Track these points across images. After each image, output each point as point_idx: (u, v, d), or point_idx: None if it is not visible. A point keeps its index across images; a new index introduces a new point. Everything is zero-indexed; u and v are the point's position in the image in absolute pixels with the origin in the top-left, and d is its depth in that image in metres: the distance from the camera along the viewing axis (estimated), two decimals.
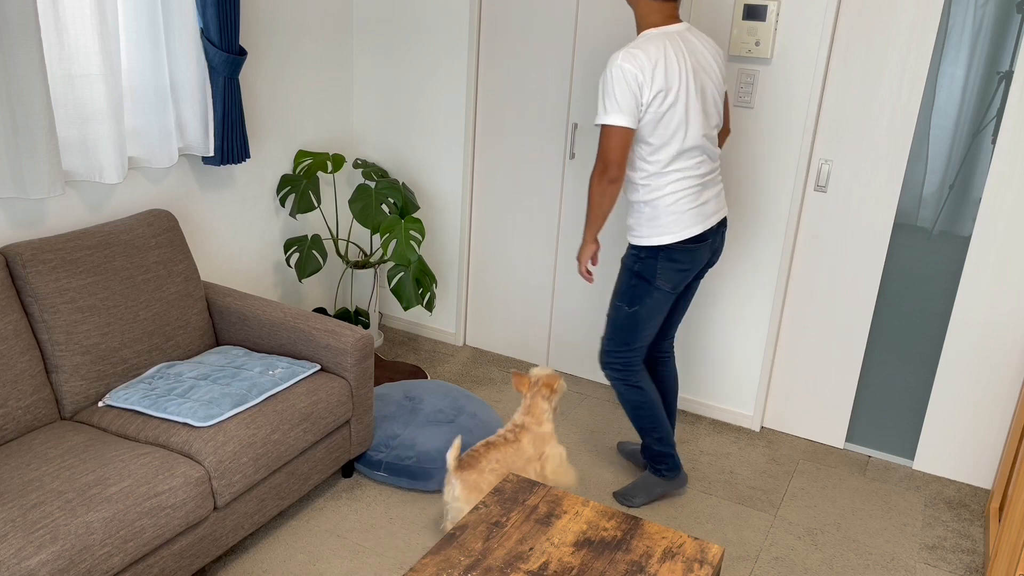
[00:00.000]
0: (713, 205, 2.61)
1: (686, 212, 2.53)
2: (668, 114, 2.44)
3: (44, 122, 2.40)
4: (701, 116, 2.49)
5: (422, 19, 3.63)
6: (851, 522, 2.89)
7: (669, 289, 2.62)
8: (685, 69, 2.44)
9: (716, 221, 2.62)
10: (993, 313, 2.95)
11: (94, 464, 2.13)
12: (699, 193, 2.55)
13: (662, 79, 2.40)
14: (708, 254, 2.65)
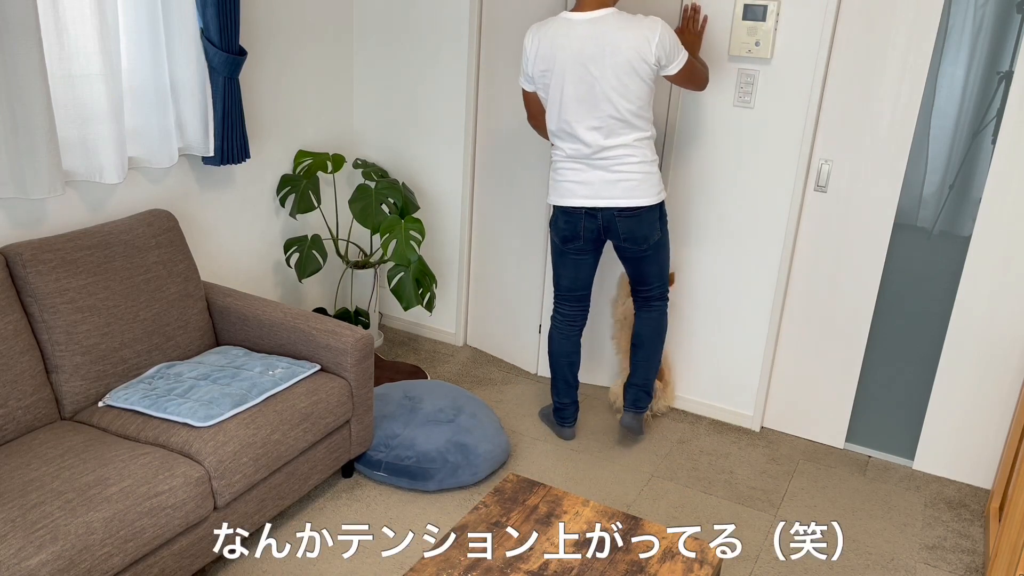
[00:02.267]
0: (594, 188, 2.82)
1: (559, 183, 2.88)
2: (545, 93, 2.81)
3: (44, 122, 2.40)
4: (573, 104, 2.73)
5: (422, 19, 3.63)
6: (851, 522, 2.89)
7: (559, 242, 2.98)
8: (563, 57, 2.71)
9: (596, 204, 2.84)
10: (993, 313, 2.95)
11: (94, 464, 2.13)
12: (572, 172, 2.84)
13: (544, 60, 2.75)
14: (596, 230, 2.89)
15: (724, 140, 3.17)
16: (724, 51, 3.08)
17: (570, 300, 3.10)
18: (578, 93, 2.71)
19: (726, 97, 3.12)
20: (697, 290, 3.40)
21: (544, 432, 3.32)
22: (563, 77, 2.72)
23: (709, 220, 3.29)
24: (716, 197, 3.25)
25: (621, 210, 2.84)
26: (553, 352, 3.17)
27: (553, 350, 3.17)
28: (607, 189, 2.81)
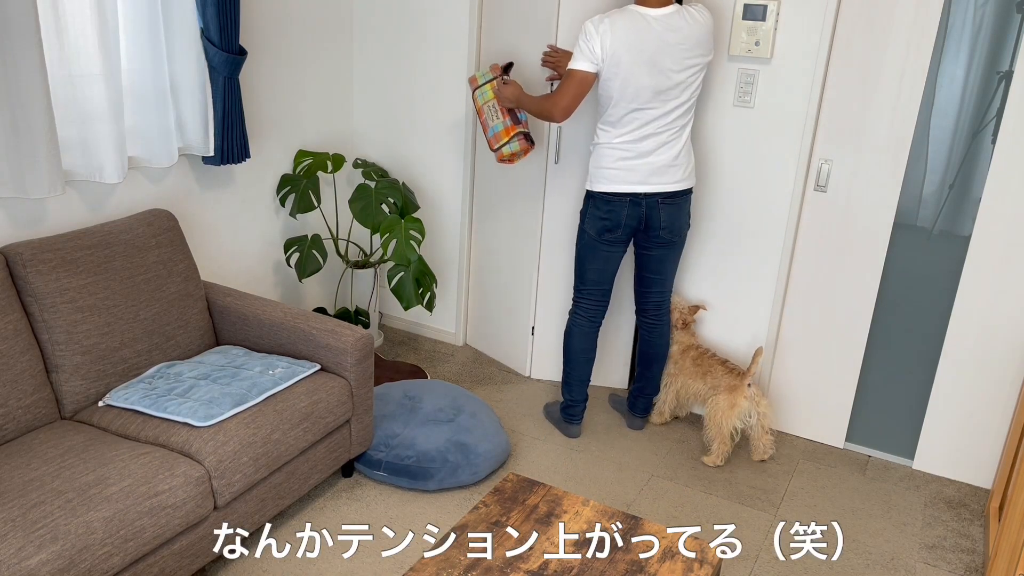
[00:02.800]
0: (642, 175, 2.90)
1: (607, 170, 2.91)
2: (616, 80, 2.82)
3: (44, 122, 2.40)
4: (648, 94, 2.80)
5: (422, 19, 3.63)
6: (851, 522, 2.89)
7: (594, 234, 3.00)
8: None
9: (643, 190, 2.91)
10: (993, 313, 2.95)
11: (94, 464, 2.13)
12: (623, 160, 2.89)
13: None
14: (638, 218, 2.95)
15: (724, 140, 3.17)
16: (724, 51, 3.08)
17: (595, 295, 3.12)
18: (655, 84, 2.78)
19: (726, 97, 3.12)
20: (697, 290, 3.40)
21: (544, 431, 3.32)
22: (640, 68, 2.75)
23: (709, 220, 3.29)
24: (716, 197, 3.25)
25: (666, 196, 2.93)
26: (573, 349, 3.19)
27: (573, 347, 3.18)
28: (657, 175, 2.90)
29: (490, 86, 3.04)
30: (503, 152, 3.04)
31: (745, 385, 3.01)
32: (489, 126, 3.06)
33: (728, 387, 3.03)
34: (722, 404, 3.02)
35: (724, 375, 3.08)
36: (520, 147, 3.03)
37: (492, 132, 3.06)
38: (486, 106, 3.06)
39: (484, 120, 3.09)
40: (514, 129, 3.03)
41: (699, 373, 3.15)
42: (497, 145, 3.04)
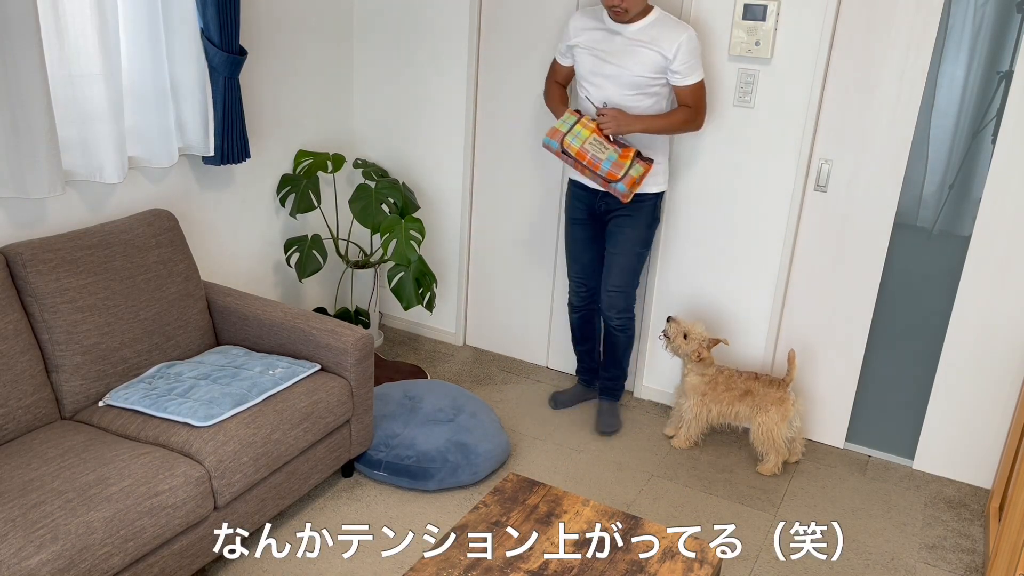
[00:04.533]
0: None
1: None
2: None
3: (44, 122, 2.40)
4: None
5: (422, 19, 3.63)
6: (851, 522, 2.89)
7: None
8: None
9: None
10: (993, 313, 2.95)
11: (94, 464, 2.13)
12: None
13: None
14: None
15: (724, 140, 3.17)
16: (724, 51, 3.08)
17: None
18: None
19: (726, 97, 3.12)
20: (697, 290, 3.40)
21: (544, 431, 3.32)
22: None
23: (709, 220, 3.29)
24: (716, 197, 3.25)
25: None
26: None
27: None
28: None
29: (581, 126, 2.88)
30: (633, 177, 2.86)
31: (789, 393, 3.02)
32: (600, 161, 2.86)
33: (775, 400, 3.01)
34: (774, 418, 2.99)
35: (766, 389, 3.03)
36: (643, 167, 2.88)
37: (607, 165, 2.86)
38: (586, 144, 2.87)
39: (590, 160, 2.87)
40: (629, 152, 2.86)
41: (737, 396, 3.07)
42: (621, 174, 2.85)
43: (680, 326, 3.08)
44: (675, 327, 3.09)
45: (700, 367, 3.10)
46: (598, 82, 2.92)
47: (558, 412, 3.46)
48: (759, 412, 3.02)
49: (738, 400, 3.06)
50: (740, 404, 3.06)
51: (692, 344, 3.07)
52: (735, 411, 3.07)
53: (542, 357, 3.83)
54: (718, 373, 3.10)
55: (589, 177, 2.93)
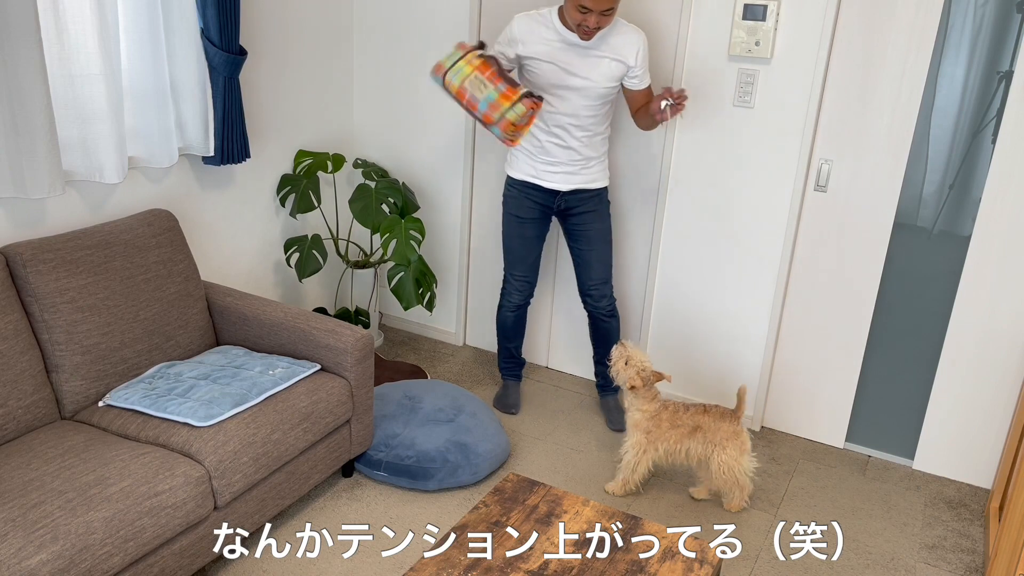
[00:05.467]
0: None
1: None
2: None
3: (44, 122, 2.40)
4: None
5: (422, 19, 3.63)
6: (851, 522, 2.89)
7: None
8: None
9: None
10: (993, 313, 2.95)
11: (94, 464, 2.13)
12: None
13: None
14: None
15: (724, 140, 3.17)
16: (724, 51, 3.08)
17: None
18: None
19: (726, 97, 3.12)
20: (697, 290, 3.40)
21: (544, 431, 3.32)
22: None
23: (709, 220, 3.29)
24: (716, 197, 3.25)
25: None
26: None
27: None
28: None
29: (464, 62, 2.66)
30: (508, 118, 2.61)
31: (742, 424, 2.79)
32: (478, 99, 2.65)
33: (729, 434, 2.77)
34: (732, 454, 2.76)
35: (718, 423, 2.77)
36: (526, 107, 2.61)
37: (485, 103, 2.64)
38: (466, 83, 2.66)
39: (468, 99, 2.68)
40: (513, 92, 2.62)
41: (686, 432, 2.80)
42: (496, 116, 2.62)
43: (625, 351, 2.83)
44: (620, 351, 2.84)
45: (639, 401, 2.83)
46: (562, 94, 2.91)
47: (556, 412, 3.46)
48: (716, 450, 2.77)
49: (687, 437, 2.79)
50: (690, 441, 2.80)
51: (630, 371, 2.80)
52: (685, 449, 2.80)
53: (543, 357, 3.83)
54: (662, 408, 2.82)
55: (469, 116, 2.78)
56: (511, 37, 2.90)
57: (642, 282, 3.49)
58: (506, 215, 3.18)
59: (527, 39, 2.88)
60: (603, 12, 2.70)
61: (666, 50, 3.18)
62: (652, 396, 2.83)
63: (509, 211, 3.16)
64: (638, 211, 3.41)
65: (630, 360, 2.81)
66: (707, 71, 3.12)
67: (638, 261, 3.48)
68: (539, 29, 2.87)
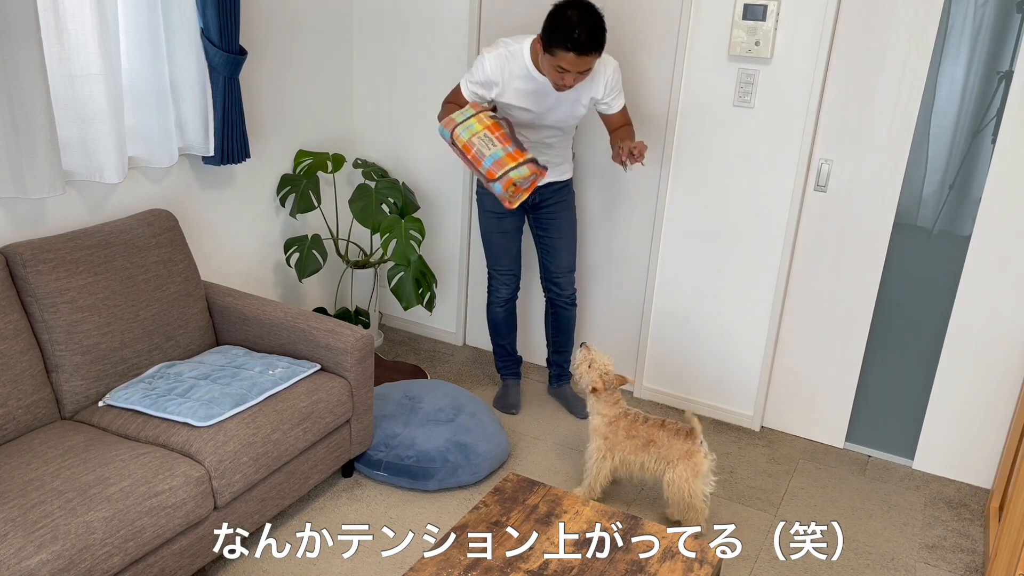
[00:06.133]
0: None
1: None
2: None
3: (44, 122, 2.40)
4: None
5: (422, 19, 3.63)
6: (851, 522, 2.89)
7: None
8: None
9: None
10: (993, 313, 2.95)
11: (94, 464, 2.13)
12: None
13: None
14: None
15: (724, 140, 3.17)
16: (724, 51, 3.08)
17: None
18: None
19: (726, 97, 3.12)
20: (697, 290, 3.40)
21: (544, 431, 3.32)
22: None
23: (709, 220, 3.29)
24: (716, 197, 3.25)
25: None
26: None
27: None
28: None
29: (476, 120, 2.71)
30: (511, 177, 2.65)
31: (699, 445, 2.64)
32: (484, 155, 2.68)
33: (682, 453, 2.63)
34: (683, 473, 2.62)
35: (671, 440, 2.64)
36: (530, 171, 2.66)
37: (491, 160, 2.67)
38: (474, 138, 2.70)
39: (474, 154, 2.70)
40: (521, 155, 2.67)
41: (640, 445, 2.69)
42: (500, 173, 2.66)
43: (589, 354, 2.78)
44: (584, 354, 2.79)
45: (600, 405, 2.76)
46: (537, 131, 2.99)
47: (556, 412, 3.47)
48: (668, 467, 2.65)
49: (641, 449, 2.69)
50: (644, 454, 2.70)
51: (593, 374, 2.75)
52: (640, 461, 2.71)
53: (542, 358, 3.83)
54: (622, 415, 2.73)
55: (473, 172, 2.81)
56: (486, 79, 2.82)
57: (642, 282, 3.50)
58: (483, 213, 3.21)
59: (501, 82, 2.82)
60: (581, 72, 2.70)
61: (666, 50, 3.18)
62: (614, 401, 2.76)
63: (486, 208, 3.20)
64: (638, 211, 3.41)
65: (593, 363, 2.76)
66: (707, 71, 3.12)
67: (638, 261, 3.48)
68: (512, 71, 2.81)
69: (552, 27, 2.63)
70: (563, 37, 2.60)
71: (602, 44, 2.67)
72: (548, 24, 2.65)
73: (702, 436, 2.65)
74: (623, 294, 3.55)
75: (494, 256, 3.26)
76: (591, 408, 2.80)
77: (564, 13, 2.62)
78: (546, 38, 2.65)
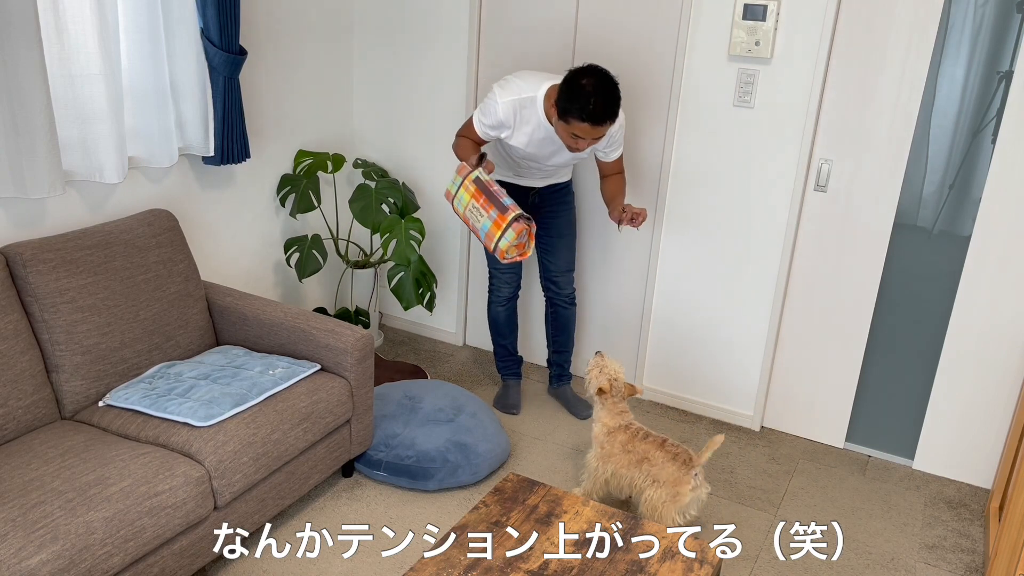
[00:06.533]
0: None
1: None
2: None
3: (44, 122, 2.40)
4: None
5: (422, 19, 3.63)
6: (851, 522, 2.89)
7: None
8: None
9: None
10: (993, 313, 2.95)
11: (94, 464, 2.13)
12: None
13: None
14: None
15: (724, 140, 3.17)
16: (724, 51, 3.08)
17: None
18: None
19: (726, 97, 3.12)
20: (697, 290, 3.40)
21: (544, 431, 3.32)
22: None
23: (709, 220, 3.29)
24: (716, 197, 3.25)
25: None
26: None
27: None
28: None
29: (463, 190, 2.76)
30: (501, 249, 2.70)
31: (691, 476, 2.54)
32: (478, 228, 2.76)
33: (671, 478, 2.55)
34: (661, 496, 2.55)
35: (666, 463, 2.56)
36: (516, 233, 2.66)
37: (483, 233, 2.75)
38: (467, 211, 2.77)
39: (472, 226, 2.79)
40: (503, 219, 2.68)
41: (634, 461, 2.63)
42: (492, 245, 2.72)
43: (601, 360, 2.75)
44: (596, 360, 2.76)
45: (604, 413, 2.72)
46: (538, 170, 3.05)
47: (556, 412, 3.47)
48: (650, 486, 2.58)
49: (634, 466, 2.63)
50: (635, 471, 2.63)
51: (602, 379, 2.72)
52: (630, 478, 2.64)
53: (542, 357, 3.83)
54: (623, 429, 2.67)
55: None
56: (498, 123, 2.84)
57: (642, 282, 3.50)
58: None
59: (513, 126, 2.85)
60: (595, 138, 2.72)
61: (666, 50, 3.18)
62: (619, 411, 2.72)
63: None
64: None
65: (604, 369, 2.75)
66: (707, 71, 3.12)
67: (638, 261, 3.48)
68: (524, 117, 2.83)
69: (568, 97, 2.62)
70: (579, 108, 2.61)
71: (616, 113, 2.67)
72: (563, 93, 2.64)
73: (700, 468, 2.56)
74: (623, 294, 3.55)
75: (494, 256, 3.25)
76: (595, 414, 2.77)
77: (579, 82, 2.61)
78: (561, 107, 2.65)
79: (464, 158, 2.88)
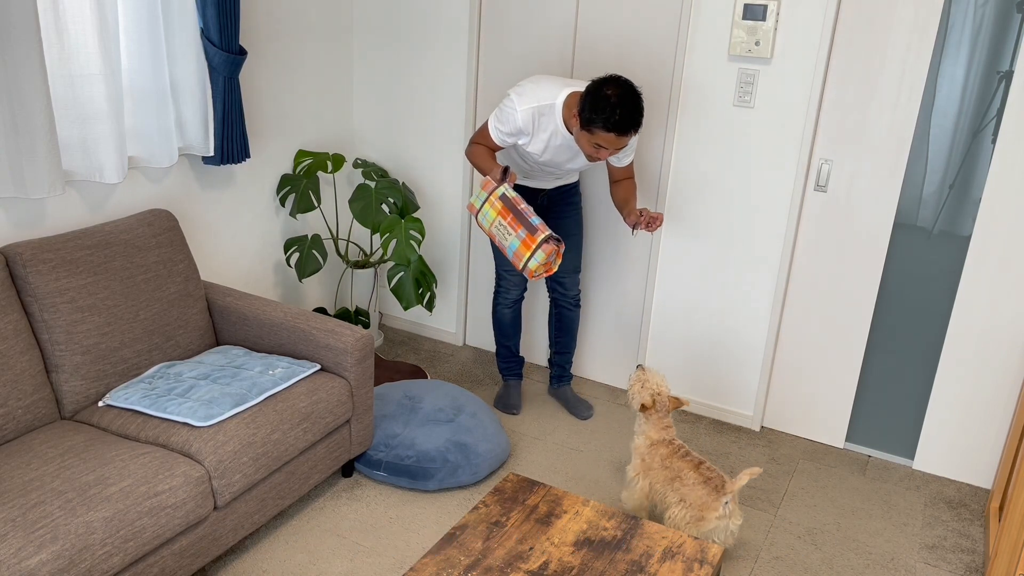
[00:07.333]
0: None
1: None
2: None
3: (44, 122, 2.40)
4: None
5: (422, 19, 3.63)
6: (851, 522, 2.89)
7: None
8: None
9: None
10: (993, 313, 2.95)
11: (94, 464, 2.13)
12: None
13: None
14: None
15: (724, 140, 3.17)
16: (724, 51, 3.08)
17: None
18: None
19: (726, 97, 3.12)
20: (698, 290, 3.40)
21: (544, 431, 3.32)
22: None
23: (709, 220, 3.29)
24: (716, 197, 3.25)
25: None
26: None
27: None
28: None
29: (488, 205, 2.73)
30: (530, 268, 2.67)
31: (720, 503, 2.47)
32: (505, 246, 2.72)
33: (699, 502, 2.49)
34: (685, 517, 2.50)
35: (696, 485, 2.50)
36: (546, 253, 2.64)
37: (511, 252, 2.71)
38: (493, 228, 2.74)
39: (499, 243, 2.75)
40: (532, 240, 2.65)
41: (667, 477, 2.58)
42: (521, 264, 2.68)
43: (643, 375, 2.72)
44: (639, 375, 2.73)
45: (647, 426, 2.68)
46: (550, 173, 3.06)
47: (556, 412, 3.47)
48: (676, 505, 2.53)
49: (668, 483, 2.58)
50: (667, 488, 2.58)
51: (645, 394, 2.68)
52: (664, 495, 2.59)
53: (542, 357, 3.83)
54: (665, 443, 2.63)
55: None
56: (516, 130, 2.80)
57: (642, 282, 3.50)
58: None
59: (531, 133, 2.82)
60: (618, 148, 2.71)
61: (666, 50, 3.18)
62: (663, 425, 2.66)
63: None
64: None
65: (646, 384, 2.70)
66: (707, 71, 3.12)
67: (638, 261, 3.48)
68: (542, 125, 2.81)
69: (592, 107, 2.61)
70: (603, 118, 2.60)
71: (640, 123, 2.67)
72: (587, 103, 2.62)
73: (730, 497, 2.47)
74: (624, 294, 3.55)
75: (503, 258, 3.26)
76: (638, 427, 2.72)
77: (603, 92, 2.60)
78: (585, 117, 2.64)
79: (480, 166, 2.85)
